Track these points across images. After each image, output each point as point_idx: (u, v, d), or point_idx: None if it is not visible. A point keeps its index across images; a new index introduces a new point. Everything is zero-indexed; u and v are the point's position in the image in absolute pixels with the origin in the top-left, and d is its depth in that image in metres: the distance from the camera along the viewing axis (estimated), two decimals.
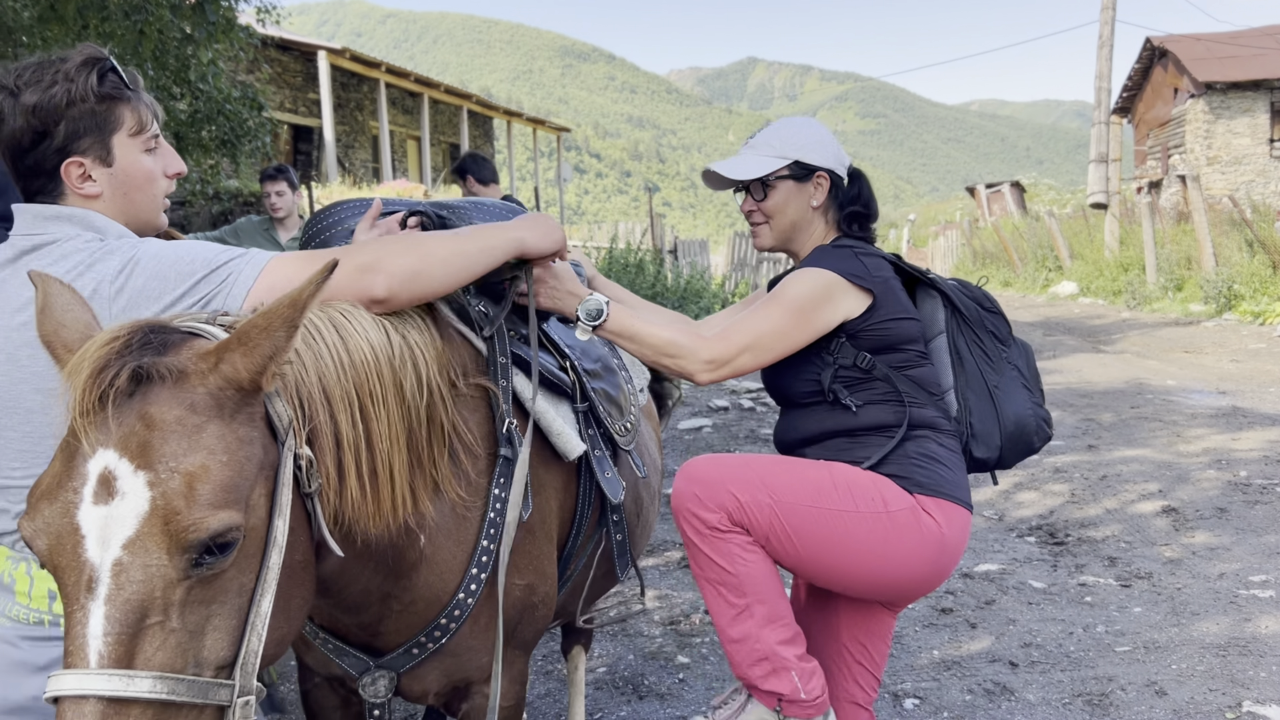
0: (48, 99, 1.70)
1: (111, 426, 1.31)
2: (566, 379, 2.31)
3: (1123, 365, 11.83)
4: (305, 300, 1.40)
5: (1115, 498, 6.38)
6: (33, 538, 1.32)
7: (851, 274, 2.25)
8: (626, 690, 4.08)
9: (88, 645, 1.26)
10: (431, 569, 1.91)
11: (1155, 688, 3.86)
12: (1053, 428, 2.40)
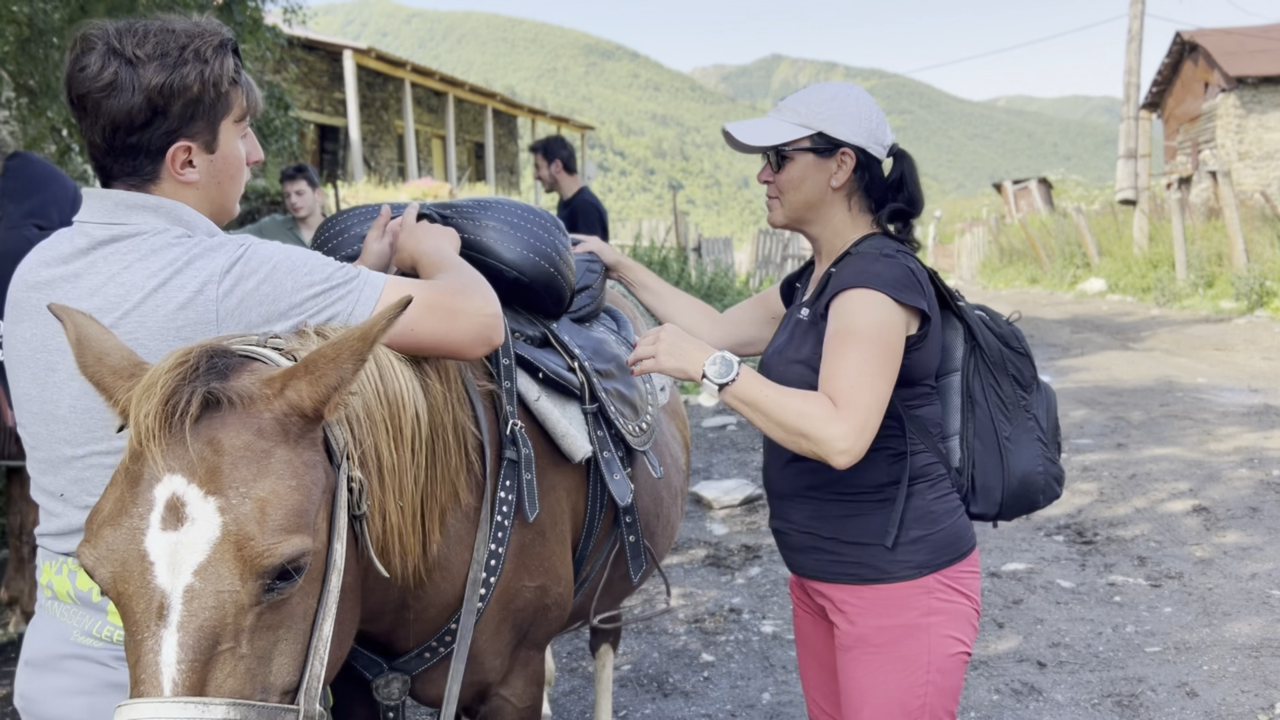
0: (179, 79, 1.58)
1: (180, 452, 1.30)
2: (574, 380, 2.29)
3: (1152, 363, 11.70)
4: (376, 335, 1.39)
5: (1145, 496, 6.31)
6: (95, 565, 1.30)
7: (912, 292, 1.94)
8: (651, 688, 4.08)
9: (161, 673, 1.24)
10: (444, 574, 1.91)
11: (1186, 689, 3.82)
12: (1063, 486, 2.17)
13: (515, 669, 2.14)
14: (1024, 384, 2.13)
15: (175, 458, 1.30)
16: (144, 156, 1.62)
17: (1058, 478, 2.13)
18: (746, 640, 4.49)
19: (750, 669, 4.21)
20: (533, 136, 28.55)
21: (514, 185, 28.80)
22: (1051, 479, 2.11)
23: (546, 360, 2.25)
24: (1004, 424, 2.08)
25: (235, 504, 1.29)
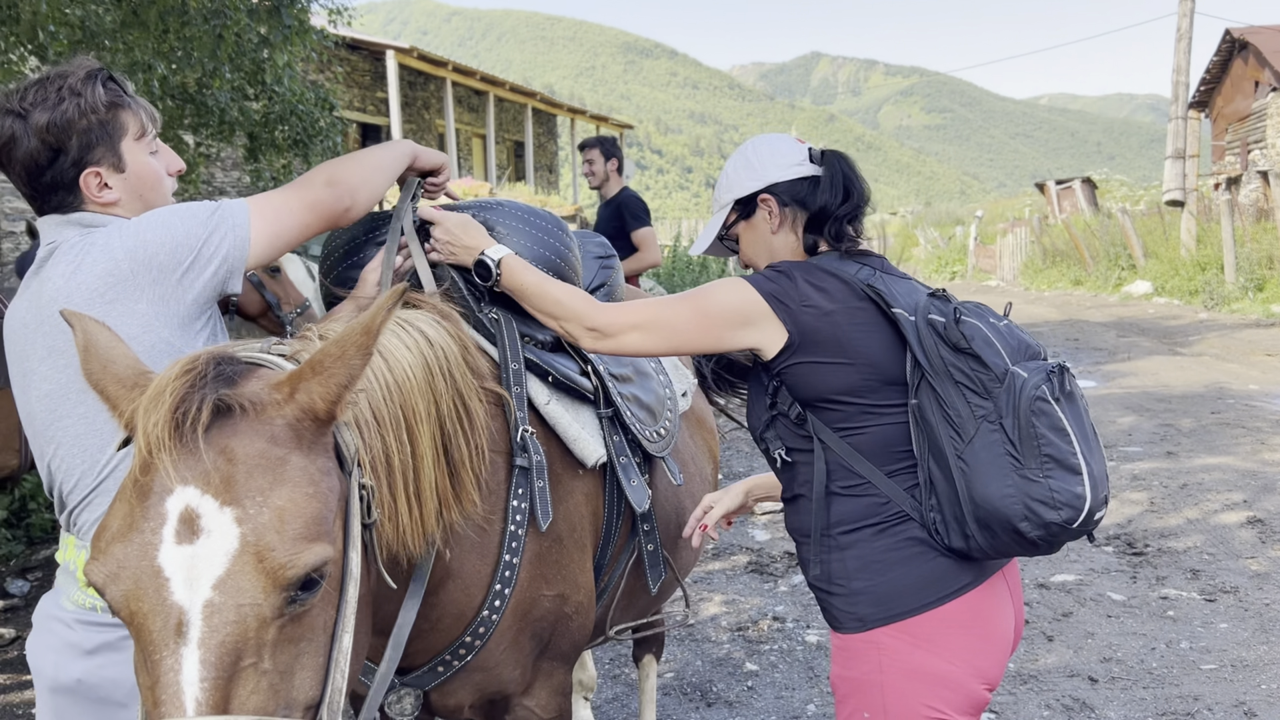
0: (60, 116, 1.75)
1: (192, 462, 1.27)
2: (587, 384, 2.27)
3: (1201, 368, 11.48)
4: (378, 326, 1.37)
5: (1197, 507, 6.18)
6: (105, 583, 1.27)
7: (772, 296, 1.93)
8: (694, 696, 4.05)
9: (183, 692, 1.21)
10: (457, 584, 1.90)
11: (1244, 708, 3.73)
12: (1069, 507, 1.74)
13: (538, 680, 2.13)
14: (979, 390, 1.81)
15: (187, 468, 1.27)
16: (62, 191, 1.81)
17: (1045, 500, 1.75)
18: (790, 650, 4.44)
19: (794, 679, 4.16)
20: (572, 135, 28.59)
21: (553, 185, 28.86)
22: (1030, 501, 1.75)
23: (558, 364, 2.23)
24: (956, 441, 1.81)
25: (253, 514, 1.26)
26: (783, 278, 1.95)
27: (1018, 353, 1.84)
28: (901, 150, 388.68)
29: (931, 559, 1.87)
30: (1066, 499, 1.74)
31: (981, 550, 1.82)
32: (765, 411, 2.04)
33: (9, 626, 5.22)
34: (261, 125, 8.34)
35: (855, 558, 1.89)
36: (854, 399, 1.90)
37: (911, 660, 1.85)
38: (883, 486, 1.90)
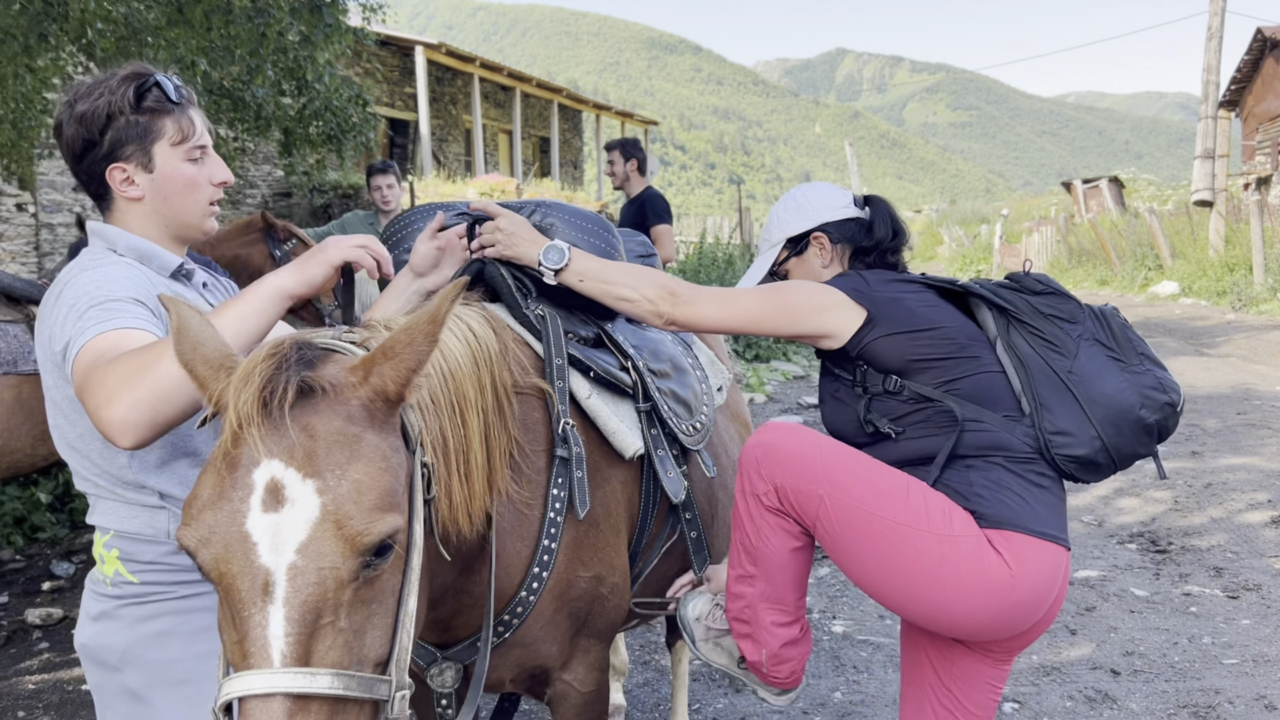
0: (91, 109, 1.87)
1: (279, 437, 1.39)
2: (627, 379, 2.36)
3: (1228, 369, 11.46)
4: (443, 316, 1.49)
5: (1221, 506, 6.23)
6: (197, 547, 1.39)
7: (852, 289, 2.19)
8: (723, 683, 4.15)
9: (269, 646, 1.33)
10: (498, 564, 1.99)
11: (1265, 702, 3.80)
12: (1171, 391, 2.07)
13: (576, 656, 2.23)
14: (1067, 317, 2.14)
15: (274, 442, 1.39)
16: (96, 181, 1.92)
17: (1156, 386, 2.06)
18: (817, 640, 4.53)
19: (821, 668, 4.26)
20: (598, 131, 28.71)
21: (578, 180, 28.98)
22: (1146, 390, 2.05)
23: (599, 359, 2.32)
24: (1061, 360, 2.08)
25: (333, 485, 1.38)
26: (853, 277, 2.24)
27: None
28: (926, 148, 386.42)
29: (1048, 497, 2.05)
30: (1168, 384, 2.08)
31: (1108, 453, 2.04)
32: (857, 402, 2.18)
33: (57, 607, 5.39)
34: (296, 121, 8.50)
35: (986, 477, 2.04)
36: (951, 359, 2.13)
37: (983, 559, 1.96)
38: (993, 422, 2.08)
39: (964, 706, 2.19)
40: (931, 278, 2.27)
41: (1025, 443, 2.08)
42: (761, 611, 2.16)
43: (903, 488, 2.03)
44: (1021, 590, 1.97)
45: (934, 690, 2.22)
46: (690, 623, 2.39)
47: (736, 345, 12.21)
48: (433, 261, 2.29)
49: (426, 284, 2.29)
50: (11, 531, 6.46)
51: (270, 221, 5.35)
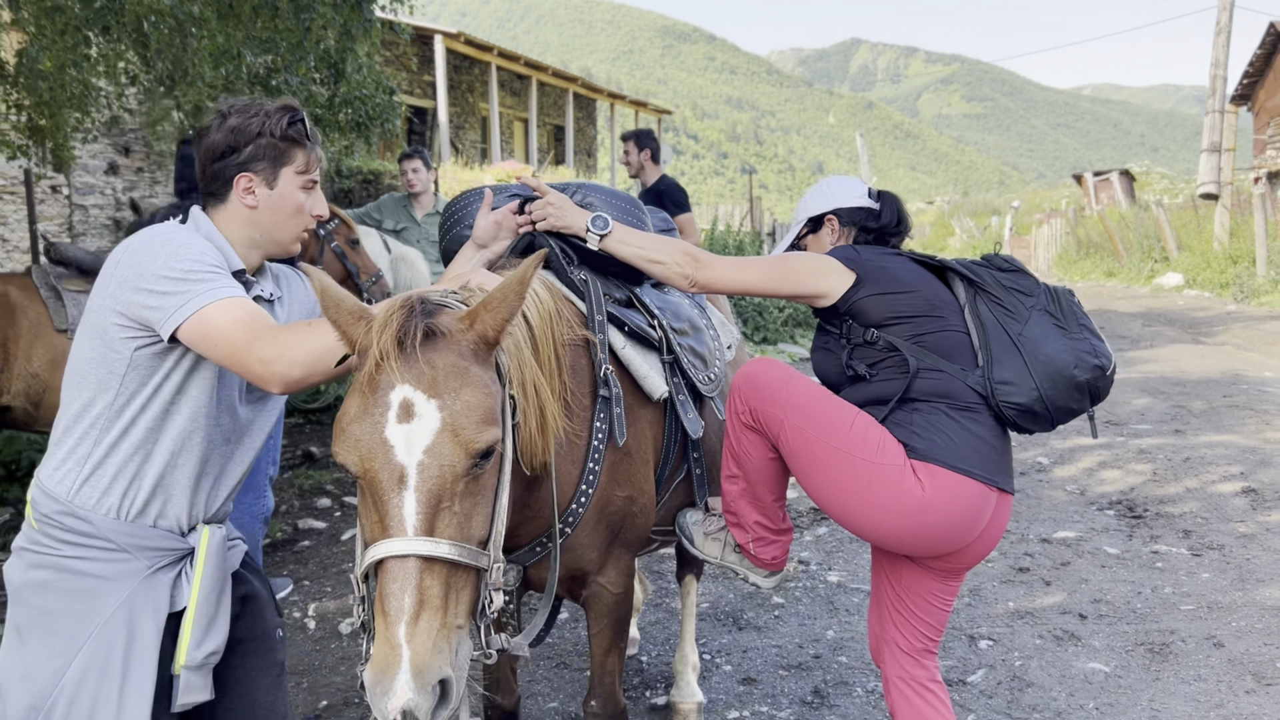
0: (244, 124, 2.16)
1: (410, 367, 1.82)
2: (654, 334, 2.81)
3: (1221, 356, 11.84)
4: (529, 277, 1.94)
5: (1196, 478, 6.65)
6: (347, 453, 1.82)
7: (845, 258, 2.60)
8: (728, 623, 4.60)
9: (405, 521, 1.77)
10: (556, 483, 2.42)
11: (1214, 641, 4.23)
12: (1103, 357, 2.44)
13: (610, 562, 2.67)
14: (1025, 291, 2.55)
15: (407, 371, 1.82)
16: (221, 181, 2.18)
17: (1089, 351, 2.43)
18: (814, 587, 4.98)
19: (816, 611, 4.70)
20: (611, 120, 29.07)
21: (591, 168, 29.35)
22: (1081, 354, 2.42)
23: (632, 317, 2.77)
24: (1014, 324, 2.48)
25: (450, 404, 1.82)
26: (848, 248, 2.66)
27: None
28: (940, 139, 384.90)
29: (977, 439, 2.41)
30: (1100, 351, 2.46)
31: (1044, 403, 2.42)
32: (841, 351, 2.61)
33: None
34: (326, 108, 8.93)
35: (926, 419, 2.43)
36: (923, 316, 2.52)
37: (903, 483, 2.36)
38: (955, 376, 2.47)
39: (911, 611, 2.64)
40: (915, 253, 2.69)
41: (975, 390, 2.46)
42: (743, 505, 2.66)
43: (848, 420, 2.45)
44: (932, 514, 2.35)
45: (888, 596, 2.69)
46: (689, 527, 2.88)
47: (745, 329, 12.65)
48: (492, 234, 2.71)
49: (486, 254, 2.72)
50: None
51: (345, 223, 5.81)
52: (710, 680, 4.03)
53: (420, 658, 1.70)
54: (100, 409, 2.04)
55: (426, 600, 1.75)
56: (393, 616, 1.73)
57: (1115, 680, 3.92)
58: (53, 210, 14.12)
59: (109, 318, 2.02)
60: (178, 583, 2.09)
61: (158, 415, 2.06)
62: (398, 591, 1.75)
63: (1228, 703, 3.70)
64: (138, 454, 2.05)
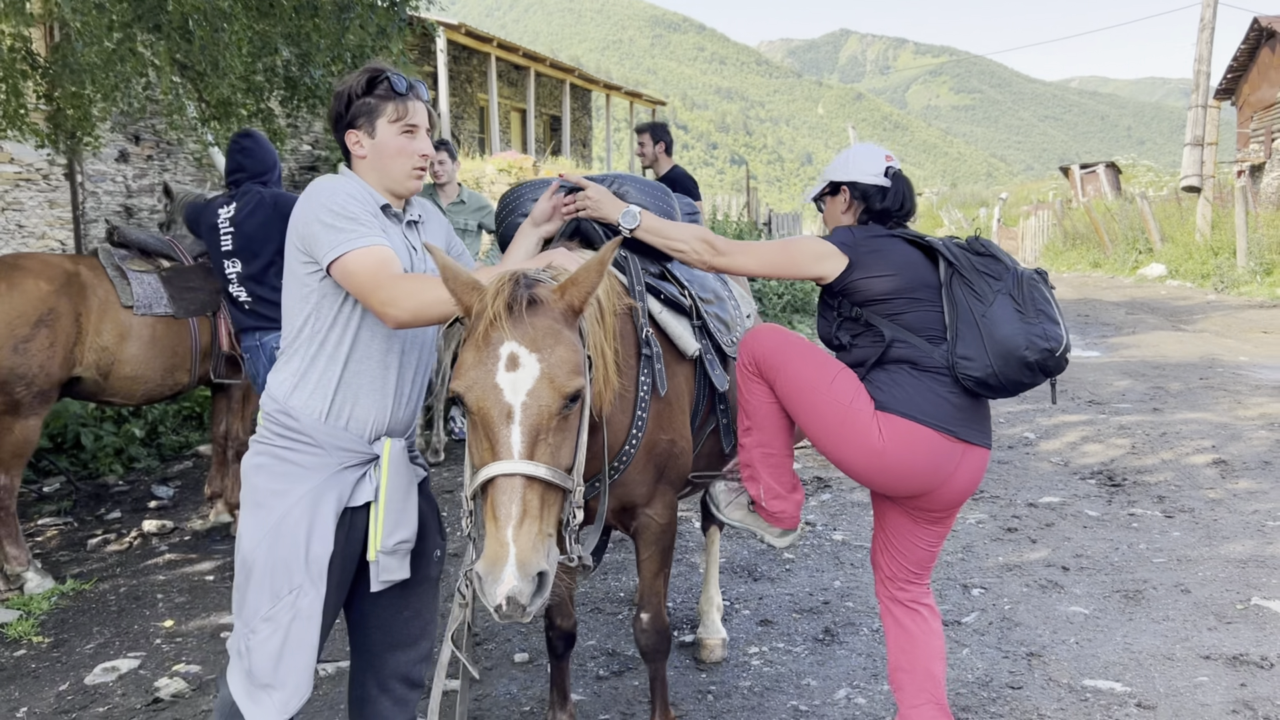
0: (342, 90, 2.62)
1: (517, 327, 2.26)
2: (685, 302, 3.29)
3: (1199, 342, 12.36)
4: (608, 259, 2.38)
5: (1171, 451, 7.14)
6: (465, 391, 2.27)
7: (841, 242, 2.95)
8: (744, 575, 5.06)
9: (512, 447, 2.21)
10: (611, 429, 2.87)
11: (1181, 588, 4.71)
12: (1053, 340, 2.71)
13: (656, 497, 3.12)
14: (995, 275, 2.85)
15: (514, 330, 2.27)
16: (340, 142, 2.65)
17: (1041, 335, 2.72)
18: (820, 545, 5.44)
19: (824, 565, 5.16)
20: (607, 110, 29.44)
21: (586, 158, 29.73)
22: (1033, 337, 2.72)
23: (665, 287, 3.25)
24: (979, 306, 2.80)
25: (547, 357, 2.26)
26: (846, 232, 3.03)
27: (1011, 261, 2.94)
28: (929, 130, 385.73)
29: (939, 402, 2.80)
30: (1052, 335, 2.74)
31: (997, 377, 2.75)
32: (834, 320, 3.05)
33: (168, 519, 6.29)
34: None
35: (890, 376, 2.87)
36: (899, 296, 2.89)
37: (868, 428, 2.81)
38: (923, 346, 2.87)
39: (896, 547, 3.11)
40: (909, 232, 3.02)
41: (939, 361, 2.82)
42: (756, 458, 3.07)
43: (830, 374, 2.88)
44: (890, 458, 2.78)
45: (880, 532, 3.18)
46: (716, 494, 3.30)
47: None
48: (547, 216, 3.15)
49: (540, 232, 3.16)
50: (113, 461, 7.36)
51: None
52: (730, 622, 4.49)
53: (524, 553, 2.14)
54: (306, 331, 2.54)
55: (528, 510, 2.19)
56: (501, 522, 2.17)
57: (1093, 620, 4.39)
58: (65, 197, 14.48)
59: (295, 256, 2.52)
60: (360, 482, 2.56)
61: (345, 333, 2.53)
62: (505, 502, 2.19)
63: (1192, 637, 4.17)
64: (331, 365, 2.52)
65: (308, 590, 2.48)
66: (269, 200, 5.07)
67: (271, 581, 2.47)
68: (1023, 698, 3.72)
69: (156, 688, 4.06)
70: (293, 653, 2.48)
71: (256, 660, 2.47)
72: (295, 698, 2.50)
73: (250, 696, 2.49)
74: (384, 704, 2.84)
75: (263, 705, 2.48)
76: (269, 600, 2.47)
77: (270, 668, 2.46)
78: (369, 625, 2.79)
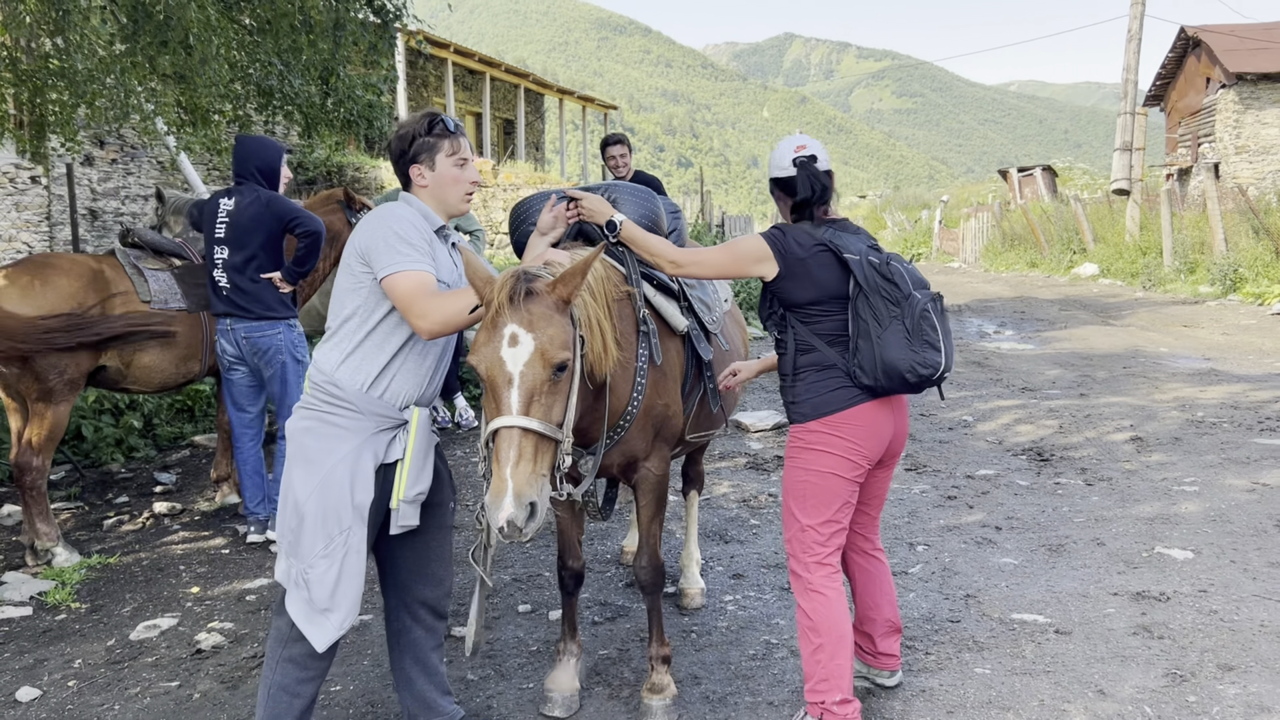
0: (406, 131, 3.13)
1: (517, 313, 2.83)
2: (674, 287, 3.90)
3: (1126, 335, 13.25)
4: (592, 261, 2.95)
5: (1094, 430, 7.89)
6: (478, 363, 2.84)
7: (775, 246, 3.35)
8: (715, 538, 5.66)
9: (512, 406, 2.79)
10: (614, 395, 3.45)
11: (1097, 541, 5.40)
12: (930, 367, 3.17)
13: (654, 453, 3.71)
14: (893, 300, 3.23)
15: (514, 315, 2.84)
16: (403, 173, 3.20)
17: (921, 363, 3.18)
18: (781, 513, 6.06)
19: None
20: (560, 115, 29.96)
21: (540, 161, 30.23)
22: (914, 363, 3.18)
23: (657, 274, 3.84)
24: (876, 327, 3.23)
25: (540, 336, 2.83)
26: (780, 234, 3.43)
27: (917, 284, 3.32)
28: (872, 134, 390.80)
29: (844, 388, 3.34)
30: (931, 362, 3.23)
31: (883, 388, 3.27)
32: (768, 313, 3.61)
33: (174, 501, 6.73)
34: (319, 109, 9.80)
35: (804, 385, 3.46)
36: (813, 305, 3.38)
37: (826, 438, 3.40)
38: (826, 351, 3.43)
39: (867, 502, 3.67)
40: (834, 244, 3.33)
41: (840, 364, 3.33)
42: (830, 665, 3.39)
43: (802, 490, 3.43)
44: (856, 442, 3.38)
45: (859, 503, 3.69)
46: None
47: None
48: (550, 225, 3.71)
49: (549, 239, 3.71)
50: (114, 450, 7.77)
51: (349, 195, 6.72)
52: (707, 577, 5.09)
53: (519, 487, 2.73)
54: (354, 319, 3.06)
55: (523, 454, 2.77)
56: (502, 463, 2.76)
57: (1022, 569, 5.06)
58: (31, 200, 14.69)
59: (355, 259, 3.05)
60: (392, 443, 3.09)
61: (388, 324, 3.06)
62: (506, 448, 2.77)
63: (1104, 580, 4.85)
64: (380, 350, 3.06)
65: (356, 529, 3.02)
66: (264, 200, 5.63)
67: (324, 524, 2.99)
68: (960, 629, 4.36)
69: (197, 641, 4.55)
70: (346, 581, 3.01)
71: (316, 590, 3.00)
72: (349, 618, 3.04)
73: (311, 620, 3.02)
74: (417, 632, 3.40)
75: (322, 626, 3.02)
76: (323, 540, 2.99)
77: (328, 595, 3.00)
78: (400, 567, 3.35)
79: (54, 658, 4.46)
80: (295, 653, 3.04)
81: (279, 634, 3.07)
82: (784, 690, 3.88)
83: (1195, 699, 3.66)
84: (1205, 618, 4.35)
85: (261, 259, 5.66)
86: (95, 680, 4.22)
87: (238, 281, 5.62)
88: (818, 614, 3.39)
